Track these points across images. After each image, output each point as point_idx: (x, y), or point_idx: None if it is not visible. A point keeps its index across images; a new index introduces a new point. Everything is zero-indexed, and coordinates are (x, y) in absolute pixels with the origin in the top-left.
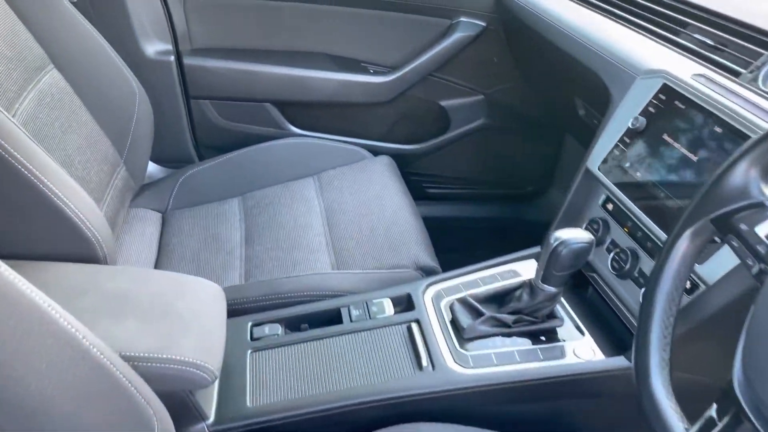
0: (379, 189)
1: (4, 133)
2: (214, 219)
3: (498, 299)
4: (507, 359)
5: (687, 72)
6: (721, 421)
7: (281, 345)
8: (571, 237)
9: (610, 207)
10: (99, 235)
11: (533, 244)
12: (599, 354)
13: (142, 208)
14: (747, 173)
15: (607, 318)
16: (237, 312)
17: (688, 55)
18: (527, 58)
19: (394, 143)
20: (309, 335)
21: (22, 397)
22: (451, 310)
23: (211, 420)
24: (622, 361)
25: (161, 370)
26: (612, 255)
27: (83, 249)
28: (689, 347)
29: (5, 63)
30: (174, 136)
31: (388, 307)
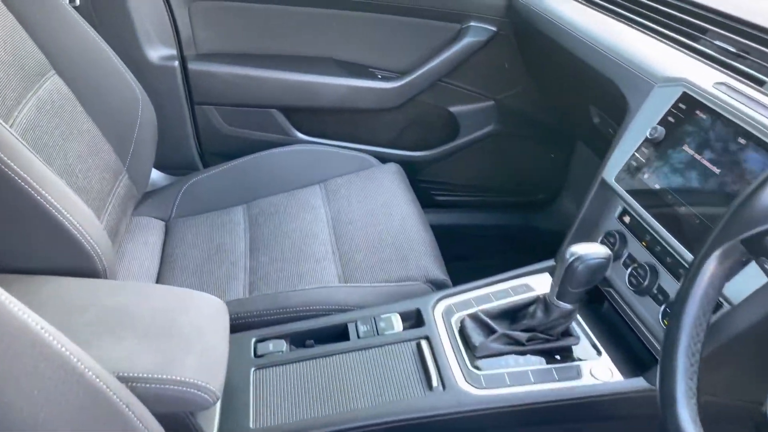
0: (387, 198)
1: (1, 145)
2: (218, 228)
3: (510, 315)
4: (521, 379)
5: (708, 80)
6: None
7: (286, 362)
8: (588, 252)
9: (627, 220)
10: (99, 248)
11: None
12: (617, 375)
13: (144, 216)
14: None
15: (625, 336)
16: (240, 327)
17: (708, 63)
18: (539, 63)
19: (402, 150)
20: (315, 352)
21: (12, 423)
22: (462, 326)
23: None
24: (641, 383)
25: (160, 391)
26: (629, 270)
27: (82, 262)
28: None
29: (4, 69)
30: (178, 142)
31: (396, 323)
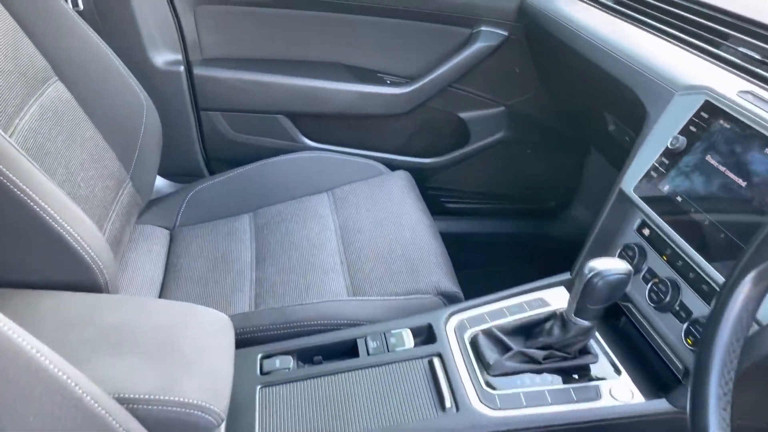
0: (397, 206)
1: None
2: (223, 237)
3: (525, 331)
4: (537, 400)
5: (731, 88)
6: None
7: (293, 380)
8: (608, 268)
9: (646, 232)
10: (100, 261)
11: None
12: (638, 396)
13: (148, 224)
14: None
15: (645, 354)
16: (246, 341)
17: (731, 70)
18: (552, 69)
19: (411, 156)
20: (323, 369)
21: None
22: (476, 343)
23: None
24: (664, 405)
25: (162, 413)
26: (650, 285)
27: (83, 276)
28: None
29: (5, 76)
30: (183, 149)
31: (407, 339)
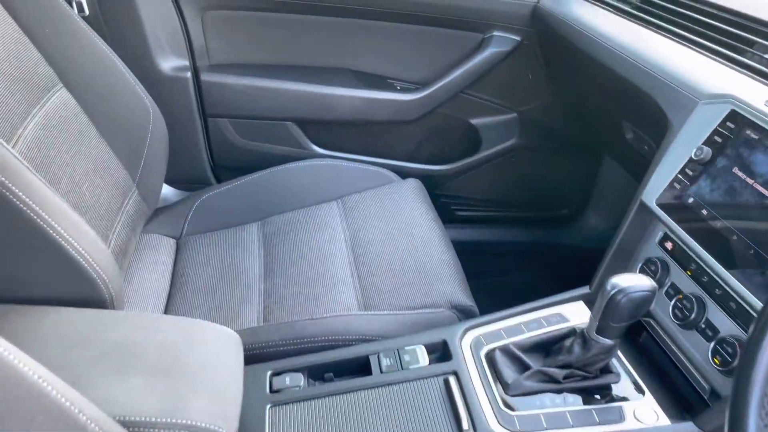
0: (408, 216)
1: (1, 166)
2: (231, 247)
3: (544, 348)
4: (558, 422)
5: (758, 97)
6: None
7: (304, 399)
8: (631, 284)
9: (669, 246)
10: (105, 276)
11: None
12: (663, 418)
13: (154, 233)
14: None
15: (668, 373)
16: (254, 358)
17: (757, 78)
18: (566, 75)
19: (421, 163)
20: (335, 388)
21: None
22: (493, 360)
23: None
24: (691, 428)
25: None
26: (674, 302)
27: (88, 291)
28: None
29: (9, 84)
30: (190, 156)
31: (422, 356)
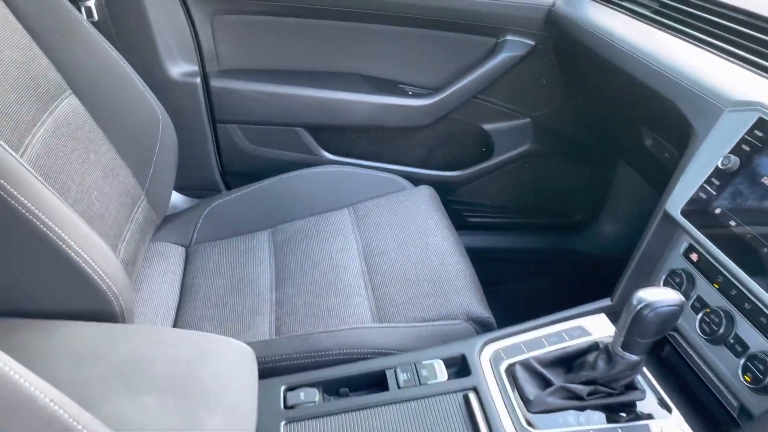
0: (422, 225)
1: (9, 176)
2: (241, 255)
3: (566, 363)
4: None
5: None
6: None
7: (319, 415)
8: (659, 298)
9: (694, 257)
10: (116, 288)
11: (582, 277)
12: None
13: (163, 242)
14: None
15: (695, 389)
16: (267, 372)
17: None
18: (581, 80)
19: (432, 170)
20: (351, 403)
21: None
22: (513, 375)
23: None
24: None
25: None
26: (701, 316)
27: (98, 304)
28: None
29: (18, 91)
30: (199, 163)
31: (440, 371)
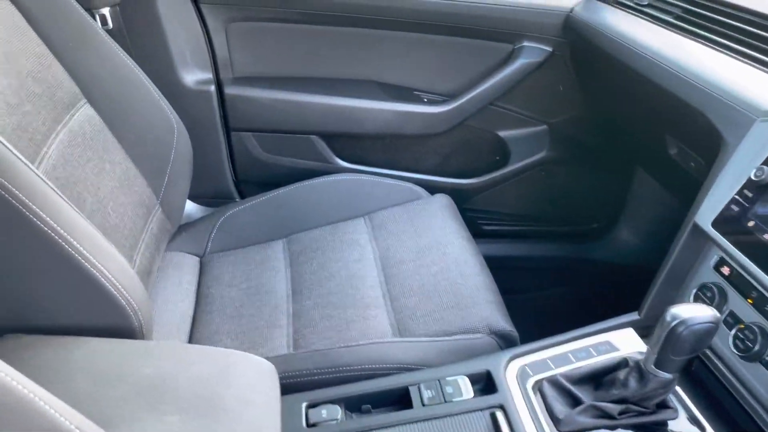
0: (440, 234)
1: (26, 188)
2: (257, 266)
3: (594, 380)
4: None
5: None
6: None
7: None
8: (693, 315)
9: (725, 271)
10: (135, 304)
11: (600, 285)
12: None
13: (177, 251)
14: None
15: (728, 407)
16: (287, 387)
17: None
18: (600, 86)
19: (447, 177)
20: (374, 421)
21: None
22: (541, 393)
23: None
24: None
25: None
26: (734, 332)
27: (117, 319)
28: None
29: (34, 101)
30: (212, 171)
31: (465, 388)
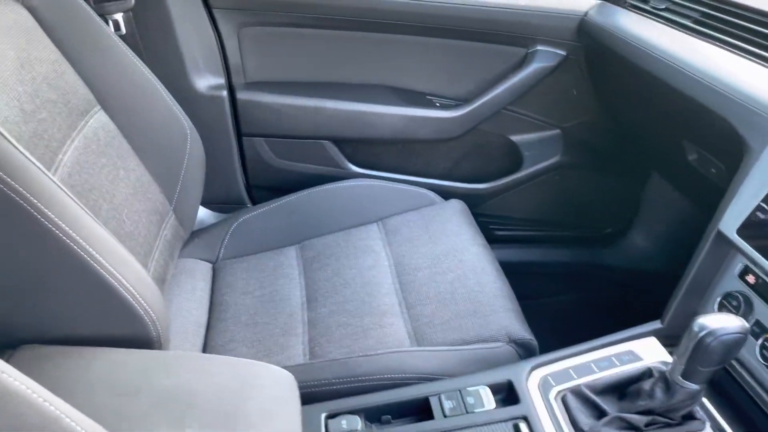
0: (455, 241)
1: (45, 197)
2: (270, 272)
3: (618, 390)
4: None
5: None
6: None
7: None
8: (722, 326)
9: (750, 279)
10: (153, 313)
11: (614, 290)
12: None
13: (190, 258)
14: None
15: (755, 418)
16: (306, 398)
17: None
18: (615, 91)
19: (459, 182)
20: None
21: None
22: (565, 404)
23: None
24: None
25: None
26: (761, 341)
27: (135, 329)
28: None
29: (49, 108)
30: (224, 177)
31: (486, 399)
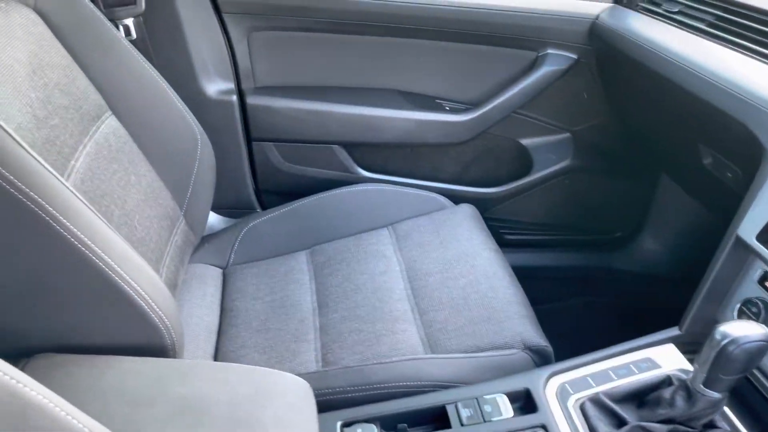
0: (467, 246)
1: (59, 204)
2: (281, 278)
3: (637, 398)
4: None
5: None
6: None
7: None
8: (745, 333)
9: None
10: (168, 321)
11: (625, 295)
12: None
13: (200, 263)
14: None
15: None
16: (320, 405)
17: None
18: (627, 94)
19: (469, 186)
20: None
21: None
22: (583, 412)
23: None
24: None
25: None
26: None
27: (149, 337)
28: None
29: (61, 114)
30: (234, 181)
31: (504, 407)
